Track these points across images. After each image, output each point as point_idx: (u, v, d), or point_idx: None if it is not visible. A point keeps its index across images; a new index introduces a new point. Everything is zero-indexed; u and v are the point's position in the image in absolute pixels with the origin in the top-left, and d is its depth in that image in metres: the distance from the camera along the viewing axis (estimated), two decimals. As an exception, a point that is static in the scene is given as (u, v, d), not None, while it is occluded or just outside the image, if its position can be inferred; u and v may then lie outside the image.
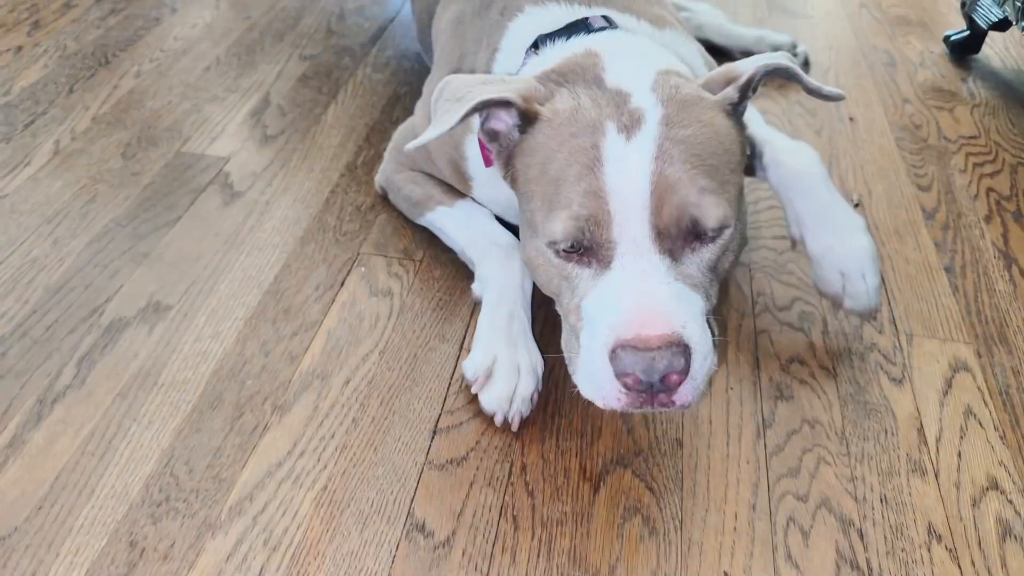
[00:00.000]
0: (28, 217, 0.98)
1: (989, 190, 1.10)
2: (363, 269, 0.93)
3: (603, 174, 0.65)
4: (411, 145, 0.71)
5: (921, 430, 0.77)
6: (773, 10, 1.54)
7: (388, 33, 1.40)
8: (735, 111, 0.73)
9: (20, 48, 1.31)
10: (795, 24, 1.48)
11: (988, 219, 1.05)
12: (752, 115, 0.94)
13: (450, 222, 0.92)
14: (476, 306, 0.87)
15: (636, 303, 0.63)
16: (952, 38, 1.42)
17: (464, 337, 0.85)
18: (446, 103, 0.72)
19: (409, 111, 1.20)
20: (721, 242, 0.67)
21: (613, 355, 0.62)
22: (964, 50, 1.41)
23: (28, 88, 1.22)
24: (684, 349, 0.62)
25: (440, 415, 0.77)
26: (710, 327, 0.66)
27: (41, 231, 0.96)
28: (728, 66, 0.75)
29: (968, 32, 1.39)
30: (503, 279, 0.84)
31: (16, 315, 0.85)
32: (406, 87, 1.27)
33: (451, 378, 0.81)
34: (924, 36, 1.48)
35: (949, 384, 0.82)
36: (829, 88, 0.75)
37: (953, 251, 0.99)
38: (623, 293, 0.64)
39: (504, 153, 0.75)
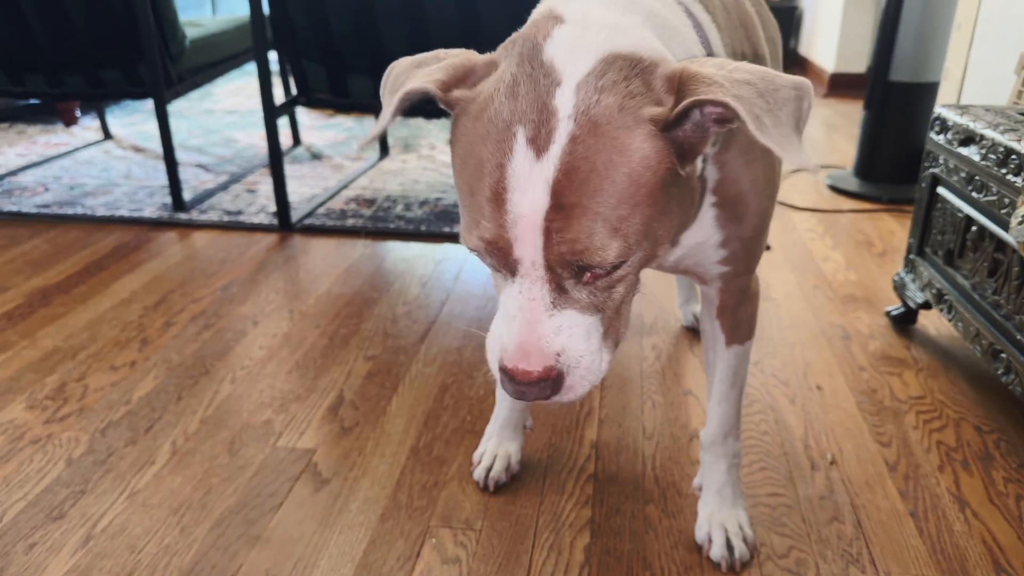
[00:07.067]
0: (158, 510, 1.19)
1: (939, 443, 1.34)
2: (434, 540, 1.13)
3: (507, 201, 0.65)
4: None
5: (907, 657, 0.94)
6: (744, 295, 1.87)
7: (433, 332, 1.72)
8: (666, 127, 0.65)
9: (134, 363, 1.61)
10: (761, 307, 1.81)
11: (941, 468, 1.27)
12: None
13: None
14: (531, 566, 1.07)
15: (518, 335, 0.69)
16: (892, 313, 1.74)
17: (524, 595, 1.04)
18: (388, 97, 0.74)
19: (456, 398, 1.47)
20: (617, 272, 0.70)
21: (500, 369, 0.71)
22: (904, 321, 1.72)
23: (144, 397, 1.49)
24: (555, 380, 0.70)
25: (512, 664, 0.94)
26: (611, 340, 0.73)
27: (170, 521, 1.17)
28: (688, 68, 0.65)
29: (903, 308, 1.71)
30: (507, 401, 1.25)
31: (158, 595, 1.04)
32: (452, 378, 1.54)
33: (517, 632, 0.99)
34: (870, 311, 1.81)
35: (925, 615, 1.00)
36: (797, 152, 0.63)
37: (915, 498, 1.21)
38: (514, 318, 0.70)
39: None
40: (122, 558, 1.10)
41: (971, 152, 1.40)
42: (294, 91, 2.33)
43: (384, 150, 3.05)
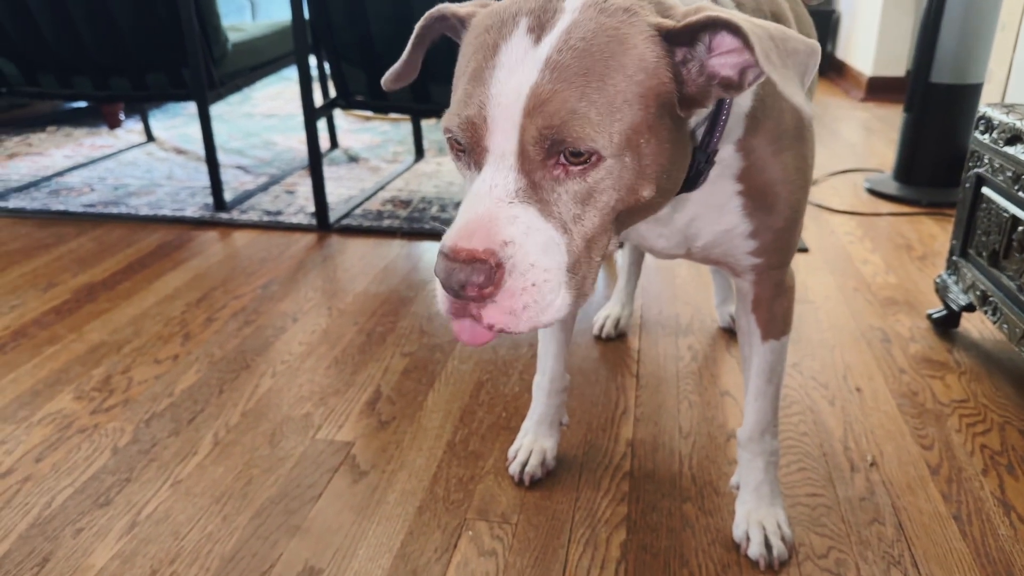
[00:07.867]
0: (200, 498, 1.22)
1: (983, 447, 1.31)
2: (471, 533, 1.14)
3: (492, 79, 0.64)
4: (386, 78, 0.85)
5: (951, 659, 0.92)
6: (781, 297, 1.86)
7: (468, 331, 1.73)
8: (669, 40, 0.66)
9: (177, 356, 1.64)
10: (800, 310, 1.79)
11: (985, 472, 1.25)
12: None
13: (542, 347, 1.25)
14: (567, 561, 1.07)
15: (468, 216, 0.64)
16: (933, 316, 1.71)
17: (560, 589, 1.04)
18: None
19: (492, 395, 1.48)
20: (592, 174, 0.65)
21: (439, 252, 0.65)
22: (945, 325, 1.69)
23: (187, 390, 1.52)
24: (492, 268, 0.62)
25: (549, 656, 0.94)
26: (574, 282, 0.67)
27: (212, 509, 1.19)
28: (707, 5, 0.67)
29: (945, 311, 1.68)
30: (543, 396, 1.26)
31: (201, 581, 1.06)
32: (487, 375, 1.55)
33: (554, 624, 0.99)
34: (911, 314, 1.78)
35: (969, 618, 0.98)
36: (792, 94, 0.62)
37: (959, 501, 1.19)
38: (469, 204, 0.65)
39: None
40: (166, 544, 1.12)
41: (1018, 151, 1.37)
42: (332, 94, 2.37)
43: (419, 153, 3.07)
